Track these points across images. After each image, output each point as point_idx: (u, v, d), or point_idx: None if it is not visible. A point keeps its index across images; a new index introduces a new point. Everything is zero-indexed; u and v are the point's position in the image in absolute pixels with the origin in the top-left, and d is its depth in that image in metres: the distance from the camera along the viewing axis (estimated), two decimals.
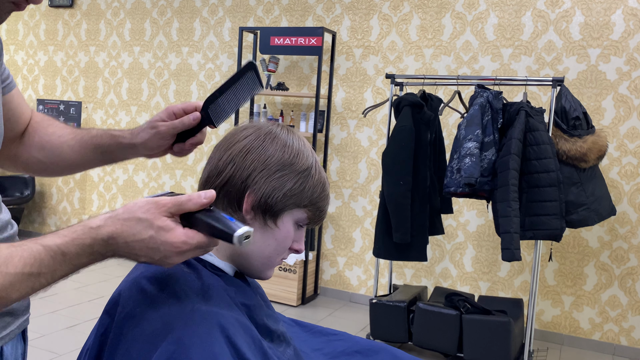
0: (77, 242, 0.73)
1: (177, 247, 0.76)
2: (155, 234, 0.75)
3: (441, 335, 3.33)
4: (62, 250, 0.73)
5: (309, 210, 0.97)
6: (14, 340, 0.95)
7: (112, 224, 0.75)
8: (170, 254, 0.77)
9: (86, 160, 1.11)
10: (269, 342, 0.98)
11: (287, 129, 0.99)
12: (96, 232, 0.74)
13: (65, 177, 5.69)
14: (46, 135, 1.10)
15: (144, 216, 0.76)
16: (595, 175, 3.27)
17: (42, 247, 0.72)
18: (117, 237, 0.75)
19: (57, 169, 1.13)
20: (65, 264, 0.73)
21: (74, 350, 3.24)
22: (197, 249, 0.78)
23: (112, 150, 1.09)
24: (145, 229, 0.75)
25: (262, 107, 4.78)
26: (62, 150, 1.10)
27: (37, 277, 0.71)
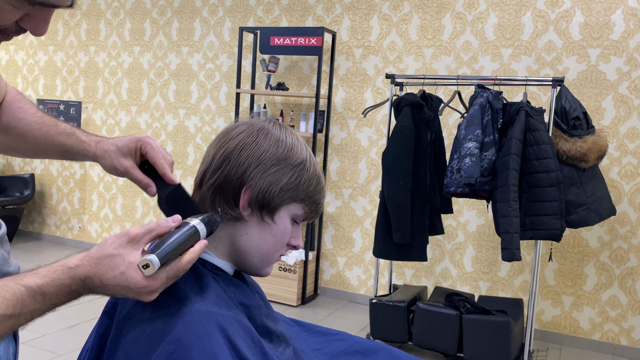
0: (56, 282, 0.74)
1: (144, 287, 0.77)
2: (126, 270, 0.76)
3: (441, 335, 3.33)
4: (43, 290, 0.74)
5: (306, 205, 0.98)
6: (6, 341, 0.95)
7: (87, 263, 0.76)
8: (142, 293, 0.78)
9: (46, 153, 1.12)
10: (268, 342, 0.98)
11: (279, 125, 0.99)
12: (74, 272, 0.75)
13: (65, 177, 5.69)
14: (14, 120, 1.09)
15: (115, 252, 0.77)
16: (595, 175, 3.27)
17: (24, 288, 0.72)
18: (93, 277, 0.76)
19: (15, 152, 1.13)
20: (44, 304, 0.75)
21: (74, 350, 3.24)
22: (168, 281, 0.80)
23: (74, 153, 1.08)
24: (117, 266, 0.76)
25: (262, 107, 4.78)
26: (26, 138, 1.09)
27: (17, 317, 0.72)
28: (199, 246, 0.83)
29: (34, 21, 0.70)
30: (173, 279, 0.80)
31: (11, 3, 0.67)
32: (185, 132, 5.14)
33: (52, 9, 0.71)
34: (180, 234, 0.81)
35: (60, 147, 1.08)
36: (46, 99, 5.74)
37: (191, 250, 0.81)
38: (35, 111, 1.11)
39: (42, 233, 5.82)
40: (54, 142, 1.08)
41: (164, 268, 0.78)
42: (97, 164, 1.09)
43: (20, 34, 0.74)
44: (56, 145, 1.08)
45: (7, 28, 0.71)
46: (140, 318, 0.87)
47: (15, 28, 0.71)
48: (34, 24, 0.71)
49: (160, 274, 0.78)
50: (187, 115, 5.13)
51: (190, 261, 0.81)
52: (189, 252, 0.81)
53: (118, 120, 5.44)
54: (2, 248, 0.96)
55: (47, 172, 5.80)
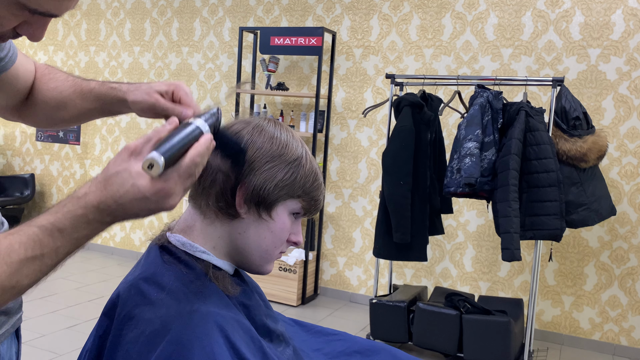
0: (69, 215, 0.71)
1: (160, 191, 0.72)
2: (135, 182, 0.71)
3: (441, 335, 3.33)
4: (57, 226, 0.71)
5: (303, 200, 0.97)
6: (8, 340, 0.95)
7: (95, 189, 0.72)
8: (161, 200, 0.73)
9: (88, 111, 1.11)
10: (268, 342, 0.98)
11: (274, 122, 0.99)
12: (84, 201, 0.72)
13: (65, 177, 5.69)
14: (48, 91, 1.10)
15: (119, 167, 0.73)
16: (595, 175, 3.27)
17: (38, 228, 0.70)
18: (106, 199, 0.72)
19: (62, 121, 1.13)
20: (65, 240, 0.71)
21: (74, 350, 3.24)
22: (182, 180, 0.74)
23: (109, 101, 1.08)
24: (125, 180, 0.72)
25: (262, 107, 4.78)
26: (64, 103, 1.10)
27: (40, 258, 0.70)
28: (204, 139, 0.77)
29: (32, 28, 0.71)
30: (187, 178, 0.75)
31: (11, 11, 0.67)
32: None
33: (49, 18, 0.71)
34: (181, 132, 0.77)
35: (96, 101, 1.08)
36: None
37: (197, 144, 0.76)
38: (66, 77, 1.12)
39: None
40: (90, 97, 1.08)
41: (172, 167, 0.73)
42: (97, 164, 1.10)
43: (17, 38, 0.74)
44: (93, 98, 1.08)
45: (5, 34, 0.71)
46: (139, 319, 0.87)
47: (13, 33, 0.72)
48: (32, 31, 0.71)
49: (170, 173, 0.73)
50: None
51: (199, 154, 0.75)
52: (195, 146, 0.76)
53: (118, 120, 5.44)
54: None
55: (47, 172, 5.80)
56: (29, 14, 0.68)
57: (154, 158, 0.71)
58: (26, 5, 0.66)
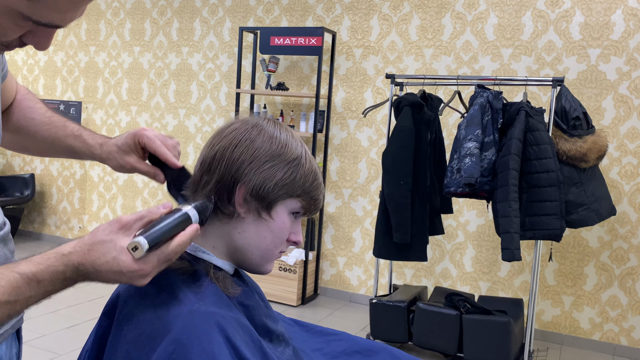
0: (50, 269, 0.75)
1: (136, 271, 0.78)
2: (117, 256, 0.77)
3: (441, 335, 3.33)
4: (37, 277, 0.74)
5: (303, 200, 0.97)
6: (9, 340, 0.95)
7: (80, 250, 0.77)
8: (134, 277, 0.78)
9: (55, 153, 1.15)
10: (268, 342, 0.98)
11: (273, 122, 0.99)
12: (67, 259, 0.76)
13: (65, 177, 5.70)
14: (24, 120, 1.12)
15: (107, 238, 0.78)
16: (595, 175, 3.27)
17: (19, 276, 0.73)
18: (85, 263, 0.76)
19: (25, 151, 1.17)
20: (39, 291, 0.75)
21: (74, 350, 3.24)
22: (159, 264, 0.80)
23: (81, 155, 1.12)
24: (109, 251, 0.77)
25: (262, 107, 4.78)
26: (35, 138, 1.12)
27: (13, 304, 0.73)
28: (190, 229, 0.83)
29: (37, 37, 0.72)
30: (165, 262, 0.80)
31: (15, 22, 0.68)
32: (185, 132, 5.14)
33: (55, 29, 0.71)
34: (170, 218, 0.82)
35: (68, 149, 1.12)
36: (46, 99, 5.74)
37: (182, 234, 0.81)
38: (45, 111, 1.14)
39: (42, 233, 5.82)
40: (61, 144, 1.12)
41: (154, 252, 0.78)
42: (97, 163, 1.11)
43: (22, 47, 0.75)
44: (64, 147, 1.12)
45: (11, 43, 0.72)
46: (139, 319, 0.87)
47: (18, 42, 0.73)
48: (37, 40, 0.72)
49: (150, 257, 0.78)
50: (187, 115, 5.13)
51: (181, 244, 0.81)
52: (179, 235, 0.81)
53: (118, 120, 5.44)
54: (5, 247, 0.96)
55: (47, 172, 5.80)
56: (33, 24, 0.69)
57: (139, 243, 0.77)
58: (30, 17, 0.67)
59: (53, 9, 0.66)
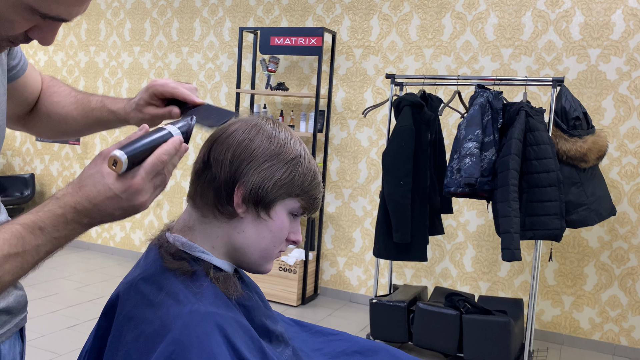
0: (49, 214, 0.75)
1: (128, 189, 0.76)
2: (106, 181, 0.76)
3: (441, 335, 3.33)
4: (39, 224, 0.74)
5: (302, 199, 0.97)
6: (12, 339, 0.95)
7: (72, 190, 0.76)
8: (130, 196, 0.77)
9: (88, 129, 1.17)
10: (268, 343, 0.98)
11: (272, 121, 0.99)
12: (63, 202, 0.76)
13: (65, 177, 5.70)
14: (51, 105, 1.14)
15: (92, 170, 0.77)
16: (595, 175, 3.27)
17: (20, 226, 0.73)
18: (82, 200, 0.76)
19: (63, 134, 1.19)
20: (45, 238, 0.74)
21: (74, 350, 3.24)
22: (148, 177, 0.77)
23: (109, 123, 1.14)
24: (98, 181, 0.76)
25: (262, 107, 4.78)
26: (66, 119, 1.15)
27: (22, 255, 0.73)
28: (172, 140, 0.80)
29: (42, 32, 0.73)
30: (154, 175, 0.78)
31: (23, 16, 0.69)
32: None
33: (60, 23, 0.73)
34: (150, 134, 0.80)
35: (97, 122, 1.14)
36: None
37: (163, 144, 0.80)
38: (69, 91, 1.16)
39: None
40: (90, 119, 1.14)
41: (140, 166, 0.77)
42: None
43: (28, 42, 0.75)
44: (93, 121, 1.14)
45: (17, 38, 0.73)
46: (139, 319, 0.87)
47: (24, 37, 0.73)
48: (43, 35, 0.73)
49: (137, 171, 0.76)
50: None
51: (166, 152, 0.79)
52: (161, 145, 0.79)
53: None
54: None
55: (47, 172, 5.80)
56: (40, 18, 0.70)
57: (115, 154, 0.74)
58: (37, 10, 0.68)
59: (60, 2, 0.68)
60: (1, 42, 0.73)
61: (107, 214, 0.77)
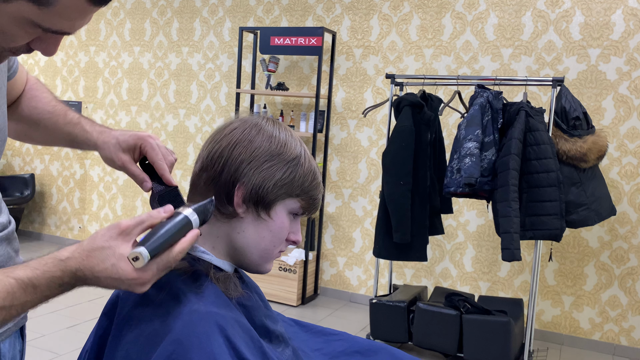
0: (47, 274, 0.75)
1: (135, 279, 0.77)
2: (116, 263, 0.76)
3: (441, 335, 3.33)
4: (34, 283, 0.74)
5: (302, 200, 0.97)
6: (12, 338, 0.95)
7: (78, 256, 0.76)
8: (133, 285, 0.78)
9: (55, 141, 1.16)
10: (268, 343, 0.98)
11: (272, 121, 0.99)
12: (65, 265, 0.76)
13: (65, 177, 5.69)
14: (27, 109, 1.13)
15: (106, 244, 0.77)
16: (595, 176, 3.27)
17: (14, 281, 0.73)
18: (84, 269, 0.76)
19: (29, 139, 1.18)
20: (36, 296, 0.75)
21: (74, 350, 3.24)
22: (159, 272, 0.79)
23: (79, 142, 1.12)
24: (107, 258, 0.76)
25: (262, 107, 4.78)
26: (37, 126, 1.13)
27: (8, 309, 0.73)
28: (191, 235, 0.81)
29: (44, 44, 0.73)
30: (164, 270, 0.80)
31: (25, 29, 0.69)
32: (185, 132, 5.14)
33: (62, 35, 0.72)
34: (171, 224, 0.80)
35: (66, 136, 1.12)
36: None
37: (183, 240, 0.80)
38: (50, 100, 1.15)
39: (42, 233, 5.82)
40: (61, 132, 1.12)
41: (154, 260, 0.77)
42: (98, 163, 1.11)
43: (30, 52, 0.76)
44: (63, 134, 1.12)
45: (19, 49, 0.73)
46: (139, 319, 0.87)
47: (26, 48, 0.73)
48: (45, 47, 0.73)
49: (150, 265, 0.77)
50: (187, 115, 5.13)
51: (182, 251, 0.80)
52: (181, 242, 0.80)
53: (118, 120, 5.44)
54: (9, 246, 0.96)
55: (47, 172, 5.80)
56: (42, 32, 0.70)
57: (140, 253, 0.75)
58: (40, 25, 0.68)
59: (63, 16, 0.68)
60: (3, 52, 0.74)
61: (102, 285, 0.79)
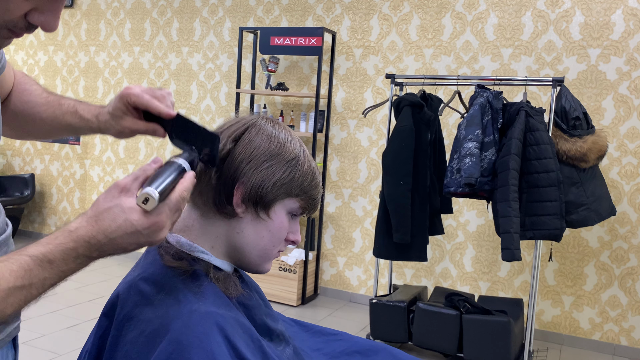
0: (60, 247, 0.73)
1: (153, 225, 0.75)
2: (128, 216, 0.74)
3: (441, 335, 3.33)
4: (48, 257, 0.72)
5: (301, 199, 0.97)
6: (4, 349, 0.93)
7: (87, 224, 0.74)
8: (152, 233, 0.76)
9: (55, 133, 1.12)
10: (268, 341, 0.98)
11: (271, 121, 0.99)
12: (76, 235, 0.74)
13: (65, 177, 5.69)
14: (20, 104, 1.10)
15: (111, 203, 0.75)
16: (595, 175, 3.27)
17: (29, 258, 0.71)
18: (97, 234, 0.74)
19: (29, 136, 1.15)
20: (53, 271, 0.73)
21: (74, 350, 3.24)
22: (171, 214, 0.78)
23: (80, 130, 1.09)
24: (118, 215, 0.74)
25: (262, 107, 4.78)
26: (35, 121, 1.10)
27: (28, 288, 0.71)
28: (188, 176, 0.82)
29: (43, 15, 0.68)
30: (175, 211, 0.79)
31: None
32: None
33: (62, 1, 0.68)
34: (167, 169, 0.81)
35: (67, 127, 1.10)
36: None
37: (182, 180, 0.81)
38: (41, 92, 1.11)
39: (42, 233, 5.82)
40: (60, 123, 1.09)
41: (163, 202, 0.77)
42: (97, 163, 1.09)
43: (31, 31, 0.71)
44: (63, 125, 1.09)
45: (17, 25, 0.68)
46: (139, 319, 0.87)
47: (25, 24, 0.69)
48: (44, 19, 0.68)
49: (162, 207, 0.76)
50: (187, 115, 5.12)
51: (186, 189, 0.80)
52: (180, 182, 0.81)
53: None
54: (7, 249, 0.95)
55: (47, 172, 5.80)
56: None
57: (149, 193, 0.74)
58: None
59: None
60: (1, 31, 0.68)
61: (121, 248, 0.76)
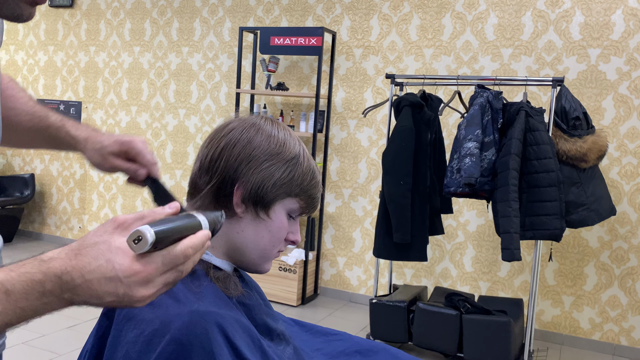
0: (24, 277, 0.59)
1: (136, 274, 0.61)
2: (112, 258, 0.60)
3: (441, 335, 3.33)
4: (6, 287, 0.58)
5: (301, 199, 0.97)
6: None
7: (65, 256, 0.60)
8: (133, 284, 0.61)
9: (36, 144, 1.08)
10: (269, 341, 0.98)
11: (271, 121, 0.99)
12: (47, 266, 0.60)
13: (65, 177, 5.69)
14: (4, 110, 1.03)
15: (99, 239, 0.62)
16: (595, 175, 3.27)
17: None
18: (72, 271, 0.60)
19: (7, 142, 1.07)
20: (9, 305, 0.58)
21: (74, 350, 3.24)
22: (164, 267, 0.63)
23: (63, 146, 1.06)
24: (101, 254, 0.60)
25: (262, 107, 4.78)
26: (16, 129, 1.05)
27: None
28: (202, 234, 0.67)
29: None
30: (171, 269, 0.64)
31: None
32: (185, 132, 5.14)
33: None
34: (180, 218, 0.67)
35: (49, 140, 1.05)
36: (46, 99, 5.74)
37: (192, 236, 0.66)
38: (27, 100, 1.06)
39: (42, 233, 5.82)
40: (42, 135, 1.05)
41: (159, 251, 0.62)
42: None
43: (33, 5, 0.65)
44: (45, 137, 1.05)
45: None
46: (139, 319, 0.87)
47: None
48: None
49: (154, 256, 0.62)
50: (187, 115, 5.13)
51: (193, 246, 0.65)
52: (190, 237, 0.65)
53: (118, 120, 5.44)
54: None
55: (47, 172, 5.80)
56: None
57: (143, 231, 0.60)
58: None
59: None
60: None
61: (96, 296, 0.61)
